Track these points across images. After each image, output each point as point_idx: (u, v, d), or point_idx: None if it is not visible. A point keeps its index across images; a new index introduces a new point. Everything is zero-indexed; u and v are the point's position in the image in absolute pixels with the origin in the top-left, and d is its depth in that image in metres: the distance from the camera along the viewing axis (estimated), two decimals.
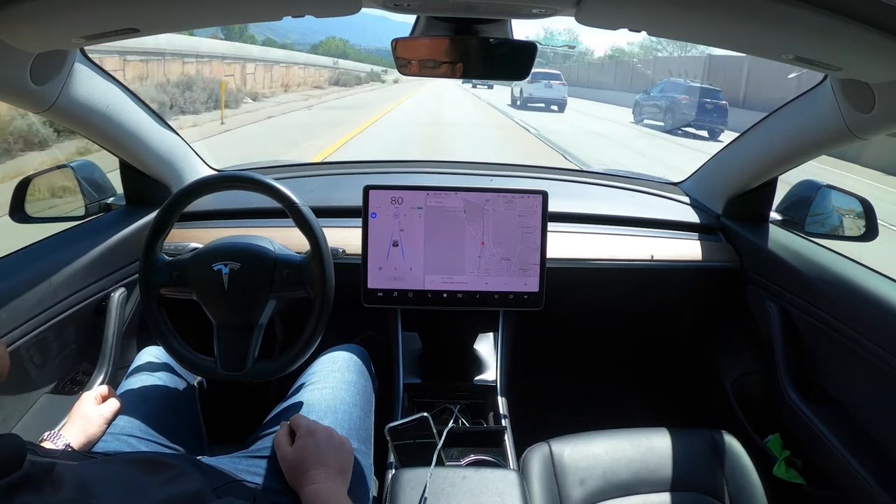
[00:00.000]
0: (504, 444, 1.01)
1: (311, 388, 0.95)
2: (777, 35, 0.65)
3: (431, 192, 1.07)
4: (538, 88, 16.39)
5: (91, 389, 0.90)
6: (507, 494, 0.78)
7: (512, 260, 1.08)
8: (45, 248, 1.02)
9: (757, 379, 1.23)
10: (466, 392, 1.18)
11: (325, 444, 0.75)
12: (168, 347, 0.94)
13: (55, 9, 0.63)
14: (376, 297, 1.09)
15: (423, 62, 0.85)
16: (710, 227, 1.35)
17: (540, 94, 16.55)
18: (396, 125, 11.26)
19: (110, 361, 1.06)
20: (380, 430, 0.94)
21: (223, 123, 10.35)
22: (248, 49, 19.35)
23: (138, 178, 1.21)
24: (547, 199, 1.07)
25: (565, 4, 0.64)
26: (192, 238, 1.17)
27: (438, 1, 0.73)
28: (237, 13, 0.75)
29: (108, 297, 1.10)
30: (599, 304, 1.44)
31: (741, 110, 12.70)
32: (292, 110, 13.63)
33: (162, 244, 0.95)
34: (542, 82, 16.31)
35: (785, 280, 1.14)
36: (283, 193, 0.92)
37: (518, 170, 1.64)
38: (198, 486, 0.59)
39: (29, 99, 0.84)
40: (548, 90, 16.46)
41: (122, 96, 1.05)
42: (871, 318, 0.93)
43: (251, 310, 0.93)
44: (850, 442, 0.95)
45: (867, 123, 0.87)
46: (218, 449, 0.89)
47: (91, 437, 0.80)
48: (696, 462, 0.95)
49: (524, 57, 0.85)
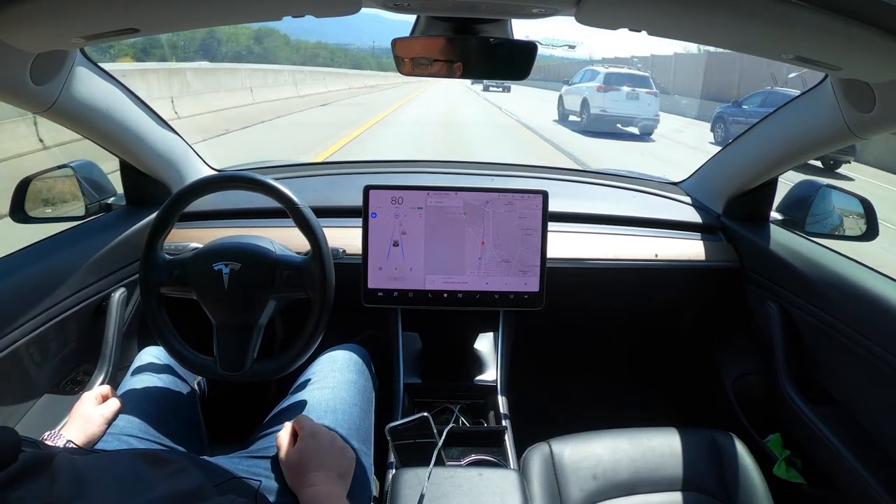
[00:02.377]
0: (504, 444, 1.01)
1: (311, 388, 0.95)
2: (777, 35, 0.65)
3: (432, 192, 1.07)
4: (617, 99, 10.06)
5: (91, 389, 0.90)
6: (508, 494, 0.78)
7: (512, 262, 1.08)
8: (45, 248, 1.02)
9: (757, 379, 1.23)
10: (467, 392, 1.18)
11: (328, 447, 0.75)
12: (167, 346, 0.94)
13: (55, 9, 0.63)
14: (376, 297, 1.09)
15: (422, 62, 0.85)
16: (710, 227, 1.35)
17: (620, 111, 10.09)
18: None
19: (110, 361, 1.06)
20: (380, 429, 0.94)
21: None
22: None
23: (138, 178, 1.21)
24: (547, 198, 1.07)
25: (565, 4, 0.64)
26: (193, 238, 1.17)
27: (438, 1, 0.73)
28: (237, 13, 0.75)
29: (109, 297, 1.10)
30: (600, 303, 1.44)
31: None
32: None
33: (162, 243, 0.95)
34: (624, 89, 10.09)
35: (785, 280, 1.14)
36: (284, 193, 0.92)
37: (519, 169, 1.64)
38: (199, 482, 0.58)
39: (29, 99, 0.84)
40: (632, 102, 10.13)
41: (122, 96, 1.05)
42: (871, 318, 0.93)
43: (251, 310, 0.93)
44: (850, 442, 0.95)
45: (867, 123, 0.86)
46: (218, 449, 0.89)
47: (91, 436, 0.80)
48: (696, 462, 0.95)
49: (524, 57, 0.85)
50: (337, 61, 58.23)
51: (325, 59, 58.70)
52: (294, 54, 55.80)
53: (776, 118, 1.15)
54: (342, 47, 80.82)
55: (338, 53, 69.92)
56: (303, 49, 61.87)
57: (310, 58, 55.57)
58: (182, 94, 9.59)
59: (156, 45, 20.28)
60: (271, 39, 57.29)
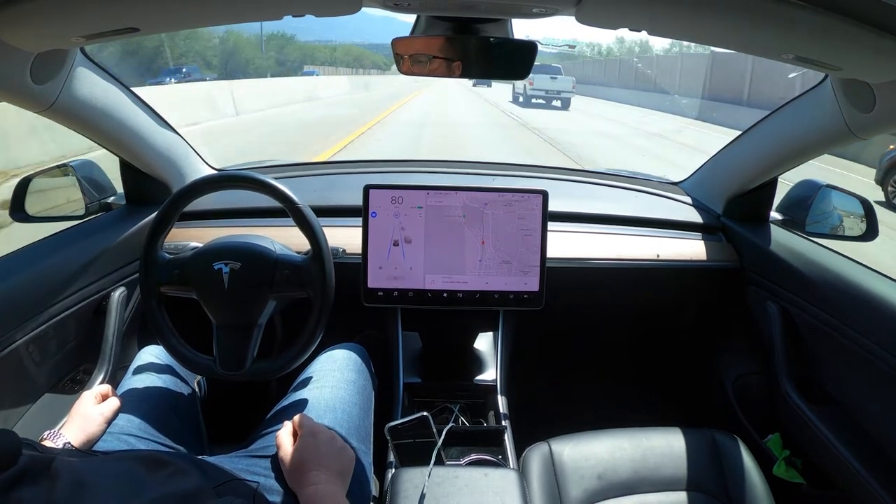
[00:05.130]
0: (504, 444, 1.01)
1: (311, 387, 0.95)
2: (777, 35, 0.65)
3: (432, 192, 1.07)
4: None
5: (91, 388, 0.90)
6: (507, 494, 0.78)
7: (512, 263, 1.08)
8: (46, 247, 1.02)
9: (757, 379, 1.23)
10: (466, 391, 1.18)
11: (327, 446, 0.75)
12: (167, 345, 0.94)
13: (55, 9, 0.63)
14: (376, 297, 1.09)
15: (422, 61, 0.85)
16: (710, 227, 1.35)
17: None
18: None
19: (110, 361, 1.06)
20: (380, 429, 0.94)
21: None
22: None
23: (139, 177, 1.21)
24: (547, 198, 1.07)
25: (565, 4, 0.64)
26: (193, 237, 1.17)
27: (438, 0, 0.73)
28: (237, 13, 0.75)
29: (109, 297, 1.10)
30: (599, 303, 1.44)
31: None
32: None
33: (163, 242, 0.95)
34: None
35: (785, 280, 1.14)
36: (284, 193, 0.92)
37: (519, 169, 1.64)
38: (198, 483, 0.58)
39: (29, 98, 0.84)
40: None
41: (122, 96, 1.04)
42: (871, 318, 0.93)
43: (251, 309, 0.93)
44: (850, 442, 0.95)
45: (867, 123, 0.86)
46: (218, 448, 0.89)
47: (91, 436, 0.80)
48: (696, 462, 0.95)
49: (524, 56, 0.85)
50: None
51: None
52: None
53: (776, 118, 1.15)
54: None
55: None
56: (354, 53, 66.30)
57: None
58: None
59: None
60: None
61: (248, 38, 33.40)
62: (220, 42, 29.18)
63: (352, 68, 53.72)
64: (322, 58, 53.08)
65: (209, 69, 23.75)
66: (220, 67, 25.59)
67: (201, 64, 23.94)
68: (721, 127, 11.99)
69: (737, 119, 10.80)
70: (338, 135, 8.79)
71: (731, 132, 1.70)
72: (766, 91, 12.69)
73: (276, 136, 8.82)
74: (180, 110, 8.25)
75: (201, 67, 22.55)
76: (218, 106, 10.46)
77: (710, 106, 14.96)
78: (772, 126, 1.16)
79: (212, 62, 26.55)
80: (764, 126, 1.19)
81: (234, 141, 7.60)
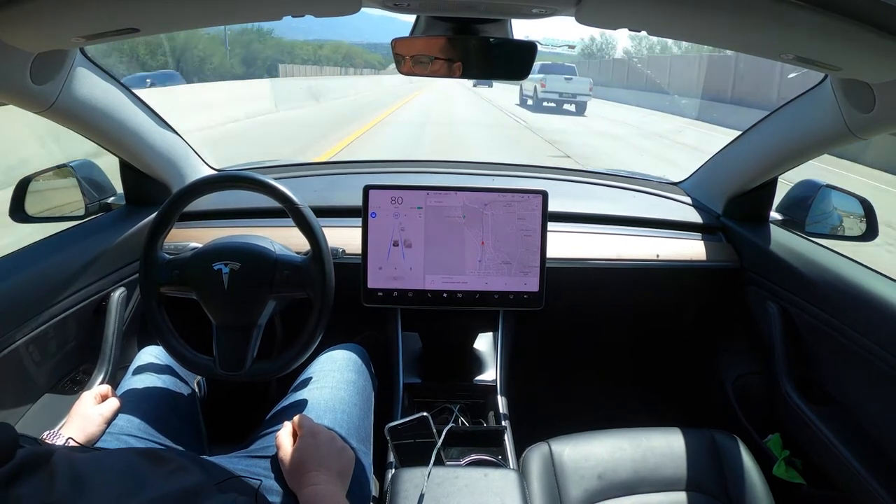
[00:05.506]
0: (504, 444, 1.01)
1: (311, 388, 0.95)
2: (777, 35, 0.65)
3: (431, 192, 1.07)
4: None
5: (91, 389, 0.90)
6: (507, 494, 0.78)
7: (512, 263, 1.08)
8: (46, 247, 1.02)
9: (757, 379, 1.23)
10: (466, 392, 1.18)
11: (327, 447, 0.75)
12: (167, 346, 0.94)
13: (55, 9, 0.63)
14: (376, 297, 1.09)
15: (422, 61, 0.85)
16: (710, 227, 1.35)
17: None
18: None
19: (110, 361, 1.06)
20: (380, 429, 0.94)
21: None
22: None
23: (138, 177, 1.21)
24: (547, 199, 1.07)
25: (565, 4, 0.64)
26: (192, 238, 1.17)
27: (438, 0, 0.73)
28: (237, 13, 0.75)
29: (108, 297, 1.10)
30: (599, 303, 1.44)
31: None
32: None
33: (162, 242, 0.95)
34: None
35: (785, 280, 1.14)
36: (284, 193, 0.92)
37: (519, 170, 1.64)
38: (199, 480, 0.58)
39: (29, 99, 0.84)
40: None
41: (122, 96, 1.04)
42: (870, 318, 0.93)
43: (251, 310, 0.93)
44: (850, 442, 0.95)
45: (867, 123, 0.87)
46: (218, 448, 0.89)
47: (90, 436, 0.80)
48: (696, 462, 0.95)
49: (524, 56, 0.85)
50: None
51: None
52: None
53: (776, 118, 1.15)
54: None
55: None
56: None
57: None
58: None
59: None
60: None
61: (207, 33, 26.18)
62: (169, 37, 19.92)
63: (341, 67, 50.11)
64: (304, 55, 48.48)
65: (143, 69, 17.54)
66: (173, 67, 19.42)
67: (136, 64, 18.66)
68: (721, 127, 12.03)
69: (736, 119, 10.81)
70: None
71: (730, 132, 1.70)
72: (760, 91, 12.65)
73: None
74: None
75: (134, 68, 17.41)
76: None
77: (710, 106, 14.94)
78: (771, 126, 1.16)
79: (156, 60, 19.88)
80: (764, 126, 1.19)
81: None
